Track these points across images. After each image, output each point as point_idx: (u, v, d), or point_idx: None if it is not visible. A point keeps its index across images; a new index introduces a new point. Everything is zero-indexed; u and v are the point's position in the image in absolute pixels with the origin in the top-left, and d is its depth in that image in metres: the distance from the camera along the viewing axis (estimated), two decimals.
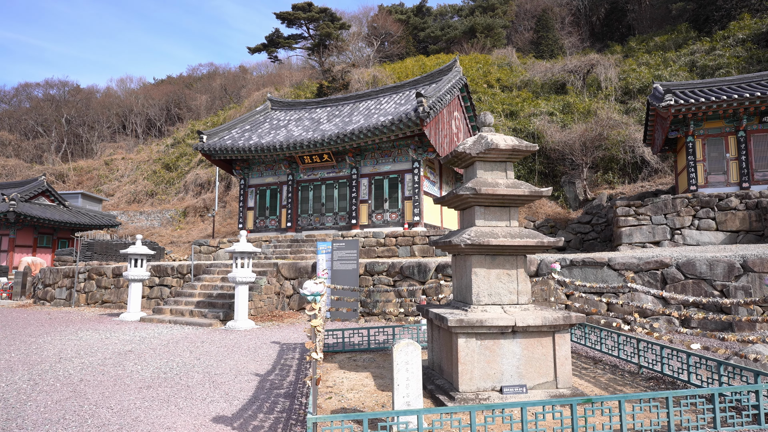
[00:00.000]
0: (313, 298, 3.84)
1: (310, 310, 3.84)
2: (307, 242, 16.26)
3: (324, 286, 3.84)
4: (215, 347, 8.71)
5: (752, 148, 15.49)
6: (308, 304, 3.86)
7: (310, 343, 3.82)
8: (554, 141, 23.06)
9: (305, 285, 3.85)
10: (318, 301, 3.85)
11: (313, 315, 3.84)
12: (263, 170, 19.20)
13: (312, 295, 3.82)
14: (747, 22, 28.73)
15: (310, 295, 3.82)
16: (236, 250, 10.91)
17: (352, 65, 37.18)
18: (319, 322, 3.82)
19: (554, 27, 44.62)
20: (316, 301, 3.84)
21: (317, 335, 3.86)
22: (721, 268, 8.90)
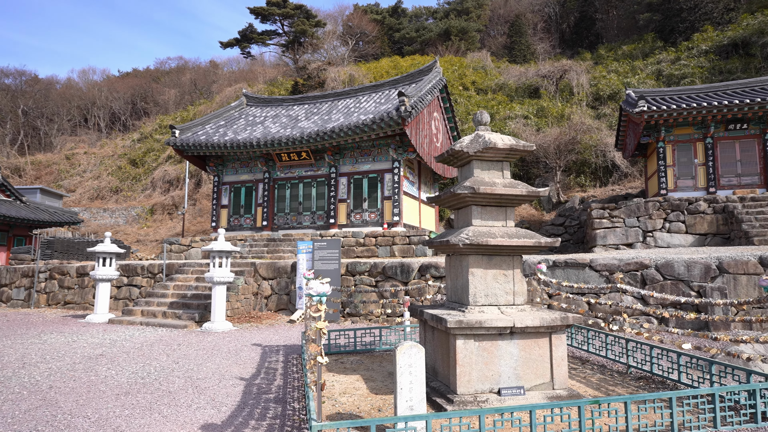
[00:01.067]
0: (318, 299, 3.65)
1: (315, 312, 3.64)
2: (285, 241, 15.91)
3: (329, 287, 3.65)
4: (193, 350, 8.34)
5: (719, 155, 16.09)
6: (313, 305, 3.66)
7: (315, 346, 3.63)
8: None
9: (311, 285, 3.66)
10: (324, 302, 3.66)
11: (319, 317, 3.65)
12: (238, 167, 18.70)
13: (318, 296, 3.63)
14: (710, 34, 29.97)
15: (316, 296, 3.63)
16: (214, 249, 10.52)
17: (328, 63, 36.81)
18: (324, 324, 3.63)
19: (527, 33, 45.46)
20: (322, 302, 3.65)
21: (322, 338, 3.66)
22: (698, 270, 9.14)
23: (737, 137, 15.92)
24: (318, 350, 3.59)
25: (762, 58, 25.70)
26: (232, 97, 35.94)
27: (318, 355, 3.58)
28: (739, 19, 30.38)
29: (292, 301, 12.27)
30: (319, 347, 3.60)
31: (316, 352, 3.57)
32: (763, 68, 24.93)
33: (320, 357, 3.58)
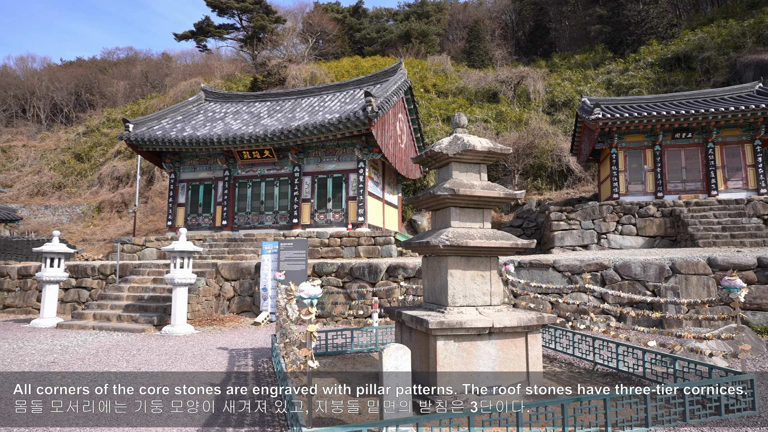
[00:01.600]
0: (310, 302, 3.55)
1: (306, 314, 3.54)
2: (246, 241, 15.49)
3: (320, 289, 3.56)
4: (155, 355, 7.95)
5: (666, 162, 17.05)
6: (304, 309, 3.56)
7: (305, 350, 3.53)
8: None
9: (301, 287, 3.55)
10: (315, 304, 3.57)
11: (310, 320, 3.55)
12: (197, 164, 18.05)
13: (309, 298, 3.53)
14: (655, 47, 31.74)
15: (307, 298, 3.53)
16: (175, 249, 10.08)
17: (289, 60, 36.22)
18: (315, 327, 3.54)
19: (485, 38, 46.50)
20: (313, 305, 3.55)
21: (312, 341, 3.57)
22: (653, 270, 9.63)
23: (682, 145, 16.93)
24: (309, 354, 3.49)
25: (702, 72, 27.48)
26: (188, 92, 34.68)
27: (309, 359, 3.48)
28: (681, 34, 32.39)
29: (256, 302, 11.96)
30: (309, 351, 3.51)
31: (306, 356, 3.47)
32: (703, 81, 26.66)
33: (311, 361, 3.49)
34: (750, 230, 13.61)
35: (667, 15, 34.95)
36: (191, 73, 42.99)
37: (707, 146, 16.59)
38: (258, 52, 42.80)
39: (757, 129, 16.07)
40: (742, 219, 14.14)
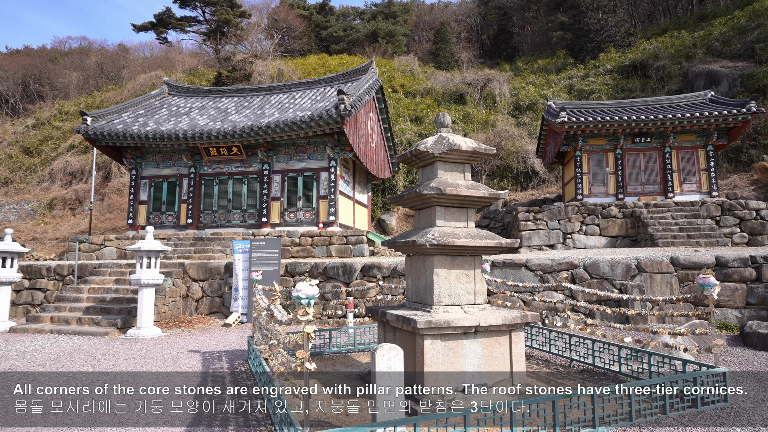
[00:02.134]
0: (307, 302, 3.45)
1: (303, 315, 3.44)
2: (214, 240, 15.04)
3: (317, 289, 3.47)
4: (122, 359, 7.58)
5: (626, 165, 17.74)
6: (301, 309, 3.46)
7: (302, 352, 3.43)
8: None
9: (298, 287, 3.45)
10: (312, 304, 3.47)
11: (307, 321, 3.45)
12: (160, 160, 17.38)
13: (307, 299, 3.43)
14: (613, 55, 33.00)
15: (305, 299, 3.43)
16: (142, 248, 9.66)
17: (255, 56, 35.46)
18: (312, 328, 3.44)
19: (451, 41, 47.07)
20: (310, 305, 3.45)
21: (309, 343, 3.47)
22: (620, 269, 9.99)
23: (642, 149, 17.67)
24: (306, 356, 3.39)
25: (657, 80, 28.79)
26: (148, 85, 33.38)
27: (306, 360, 3.38)
28: (638, 43, 33.83)
29: (226, 303, 11.62)
30: (306, 353, 3.41)
31: (304, 357, 3.37)
32: (658, 89, 27.93)
33: (308, 363, 3.39)
34: (705, 231, 14.35)
35: (624, 24, 36.43)
36: (150, 66, 41.39)
37: (664, 151, 17.37)
38: (221, 46, 41.70)
39: (710, 135, 16.96)
40: (697, 220, 14.90)
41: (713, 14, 35.72)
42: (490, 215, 22.69)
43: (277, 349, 4.70)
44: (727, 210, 15.12)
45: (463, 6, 59.73)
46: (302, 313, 3.46)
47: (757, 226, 14.69)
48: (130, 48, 53.88)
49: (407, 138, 25.15)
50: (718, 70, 25.82)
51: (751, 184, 21.04)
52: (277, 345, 4.74)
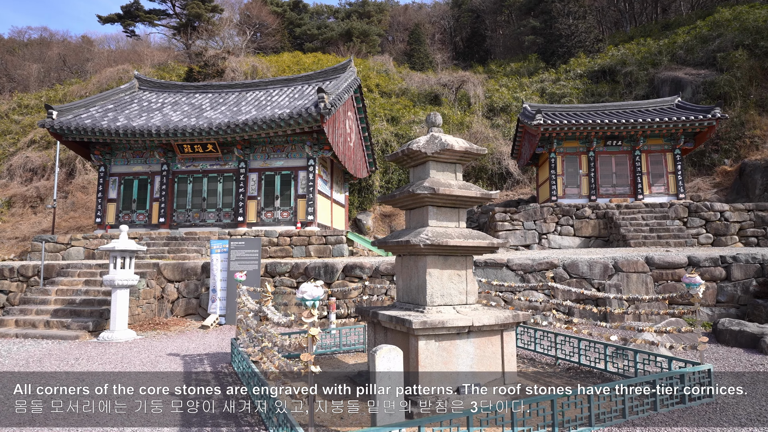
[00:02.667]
0: (312, 303, 3.35)
1: (308, 317, 3.34)
2: (188, 240, 14.62)
3: (323, 290, 3.38)
4: (98, 364, 7.25)
5: (599, 167, 18.21)
6: (306, 310, 3.36)
7: (307, 355, 3.33)
8: None
9: (303, 288, 3.35)
10: (317, 306, 3.38)
11: (312, 323, 3.35)
12: (130, 157, 16.78)
13: (313, 300, 3.34)
14: (583, 60, 33.88)
15: (310, 300, 3.33)
16: (117, 247, 9.28)
17: (227, 52, 34.72)
18: (317, 330, 3.35)
19: (425, 42, 47.34)
20: (315, 307, 3.36)
21: (314, 345, 3.38)
22: (598, 269, 10.22)
23: (613, 152, 18.17)
24: (310, 359, 3.30)
25: (625, 85, 29.71)
26: (115, 79, 32.23)
27: (311, 363, 3.29)
28: (606, 49, 34.84)
29: (203, 305, 11.31)
30: (311, 355, 3.31)
31: (308, 360, 3.28)
32: (626, 93, 28.83)
33: (312, 366, 3.30)
34: (674, 231, 14.87)
35: (593, 31, 37.46)
36: (117, 60, 39.98)
37: (635, 154, 17.92)
38: (192, 41, 40.70)
39: (677, 139, 17.59)
40: (666, 221, 15.42)
41: (677, 23, 37.16)
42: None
43: (271, 352, 4.57)
44: (694, 212, 15.72)
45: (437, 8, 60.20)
46: (307, 315, 3.36)
47: (721, 227, 15.32)
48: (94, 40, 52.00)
49: (383, 138, 25.13)
50: (683, 77, 26.85)
51: (714, 187, 21.97)
52: (271, 347, 4.62)
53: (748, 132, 22.59)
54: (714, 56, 27.19)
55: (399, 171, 25.20)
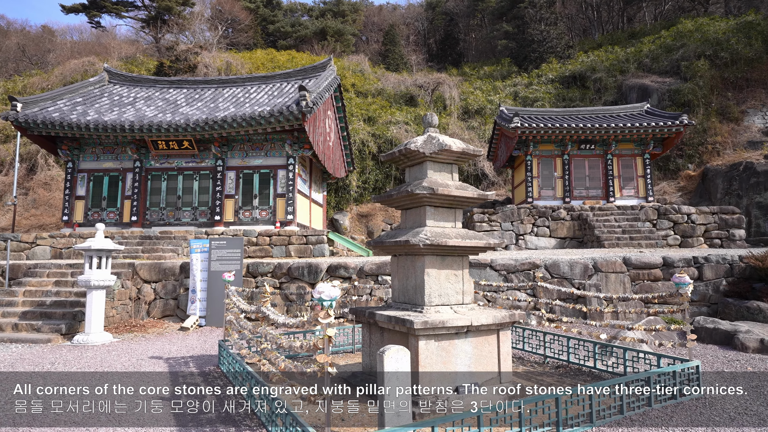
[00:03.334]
0: (329, 304, 3.30)
1: (324, 317, 3.28)
2: (164, 239, 14.17)
3: (339, 290, 3.32)
4: (76, 368, 6.93)
5: (572, 170, 18.69)
6: (323, 311, 3.30)
7: (323, 356, 3.27)
8: None
9: (320, 288, 3.28)
10: (333, 306, 3.32)
11: (328, 323, 3.30)
12: (100, 153, 16.15)
13: (330, 300, 3.28)
14: (554, 65, 34.69)
15: (328, 300, 3.27)
16: (93, 246, 8.91)
17: (200, 47, 33.89)
18: (333, 331, 3.30)
19: (400, 43, 47.53)
20: (332, 306, 3.30)
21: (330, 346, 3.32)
22: (578, 269, 10.47)
23: (586, 156, 18.68)
24: (327, 360, 3.24)
25: (594, 91, 30.60)
26: (80, 71, 30.99)
27: (327, 364, 3.23)
28: (576, 56, 35.79)
29: (182, 306, 10.99)
30: (328, 357, 3.26)
31: (325, 361, 3.22)
32: (596, 99, 29.69)
33: (329, 367, 3.24)
34: (645, 233, 15.40)
35: (564, 37, 38.42)
36: (81, 52, 38.44)
37: (607, 157, 18.47)
38: (162, 35, 39.54)
39: (647, 144, 18.24)
40: (637, 223, 15.96)
41: (642, 32, 38.57)
42: None
43: (273, 353, 4.47)
44: (663, 214, 16.32)
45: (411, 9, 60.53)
46: (324, 315, 3.30)
47: (688, 229, 15.97)
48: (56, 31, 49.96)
49: (361, 138, 25.06)
50: (649, 85, 27.88)
51: (678, 191, 22.89)
52: (274, 349, 4.52)
53: (710, 138, 23.65)
54: (678, 65, 28.34)
55: (376, 171, 25.20)
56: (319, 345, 3.34)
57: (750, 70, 26.22)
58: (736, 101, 25.28)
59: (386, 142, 25.47)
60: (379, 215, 23.56)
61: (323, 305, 3.30)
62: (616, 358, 6.22)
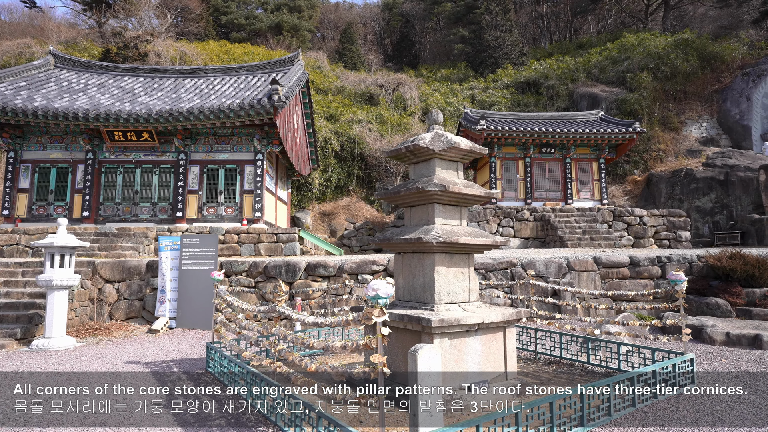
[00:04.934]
0: (384, 302, 3.17)
1: (379, 315, 3.15)
2: (122, 236, 13.27)
3: (391, 286, 3.20)
4: (45, 377, 6.31)
5: (534, 172, 19.34)
6: (376, 309, 3.16)
7: (378, 356, 3.14)
8: (374, 149, 24.44)
9: (373, 285, 3.14)
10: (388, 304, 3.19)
11: (383, 322, 3.16)
12: (47, 143, 14.90)
13: (386, 297, 3.15)
14: (510, 71, 35.82)
15: (384, 298, 3.14)
16: (55, 243, 8.17)
17: (151, 34, 32.11)
18: (387, 330, 3.17)
19: (357, 42, 47.36)
20: (386, 305, 3.18)
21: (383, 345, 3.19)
22: (553, 268, 10.81)
23: (547, 159, 19.39)
24: (382, 360, 3.11)
25: (548, 97, 31.86)
26: (14, 54, 28.51)
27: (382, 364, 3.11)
28: (530, 63, 37.12)
29: (148, 307, 10.33)
30: (383, 357, 3.13)
31: (380, 361, 3.10)
32: (549, 105, 30.93)
33: (384, 368, 3.12)
34: (603, 234, 16.18)
35: (519, 44, 39.74)
36: (14, 33, 35.41)
37: (565, 161, 19.26)
38: (105, 19, 37.17)
39: (602, 149, 19.18)
40: (596, 224, 16.74)
41: (589, 44, 40.59)
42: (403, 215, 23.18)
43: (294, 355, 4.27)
44: (618, 216, 17.23)
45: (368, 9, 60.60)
46: (378, 313, 3.16)
47: (640, 231, 16.94)
48: None
49: (323, 135, 24.69)
50: (598, 93, 29.38)
51: (626, 195, 24.26)
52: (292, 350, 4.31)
53: (654, 146, 25.26)
54: (624, 76, 30.06)
55: (338, 169, 24.94)
56: (372, 344, 3.20)
57: (687, 84, 28.26)
58: (676, 112, 27.17)
59: (349, 141, 25.27)
60: (342, 214, 23.33)
61: (378, 303, 3.16)
62: (610, 352, 6.45)
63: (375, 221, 23.07)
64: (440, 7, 48.84)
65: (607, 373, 6.25)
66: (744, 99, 25.34)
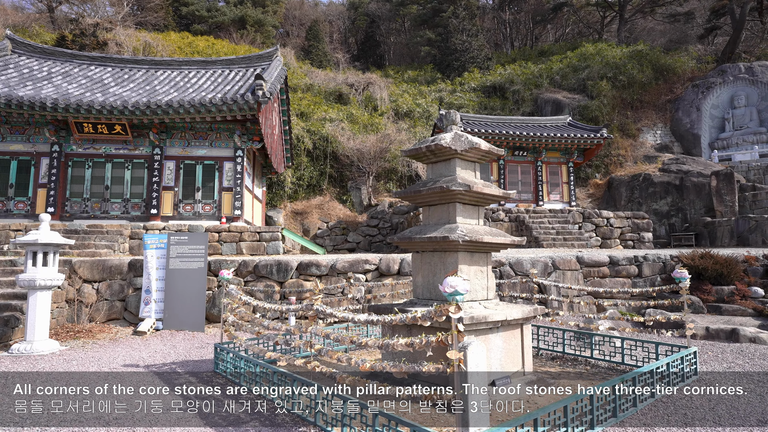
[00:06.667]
0: (462, 298, 3.20)
1: (455, 311, 3.18)
2: (94, 234, 12.57)
3: (468, 283, 3.24)
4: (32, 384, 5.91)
5: (507, 174, 19.87)
6: (453, 305, 3.19)
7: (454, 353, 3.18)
8: (347, 148, 24.33)
9: (452, 282, 3.17)
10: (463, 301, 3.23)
11: (459, 318, 3.20)
12: (7, 133, 13.90)
13: (463, 294, 3.18)
14: (476, 75, 36.59)
15: (462, 293, 3.18)
16: (39, 240, 7.65)
17: (110, 22, 30.52)
18: (461, 327, 3.21)
19: (324, 40, 46.96)
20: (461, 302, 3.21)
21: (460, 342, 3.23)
22: (539, 267, 11.17)
23: (520, 162, 19.98)
24: (459, 356, 3.15)
25: (513, 102, 32.80)
26: None
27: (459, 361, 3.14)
28: (495, 67, 38.07)
29: (130, 308, 9.85)
30: (460, 354, 3.17)
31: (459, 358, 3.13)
32: (515, 110, 31.84)
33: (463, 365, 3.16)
34: (575, 234, 16.85)
35: (484, 49, 40.67)
36: None
37: (537, 164, 19.91)
38: (57, 4, 35.07)
39: (571, 153, 19.96)
40: (568, 225, 17.41)
41: (551, 51, 42.08)
42: (377, 215, 23.22)
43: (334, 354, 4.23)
44: (587, 218, 17.99)
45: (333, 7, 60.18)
46: (454, 310, 3.19)
47: (607, 232, 17.77)
48: None
49: (295, 133, 24.32)
50: (561, 99, 30.53)
51: (588, 197, 25.34)
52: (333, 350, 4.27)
53: (614, 152, 26.53)
54: (585, 84, 31.39)
55: (311, 168, 24.66)
56: (448, 341, 3.22)
57: (643, 93, 29.88)
58: (633, 119, 28.65)
59: (321, 139, 25.04)
60: (315, 213, 23.09)
61: (457, 300, 3.19)
62: (613, 347, 6.75)
63: (348, 221, 22.98)
64: (406, 9, 49.21)
65: (611, 367, 6.55)
66: (694, 109, 27.06)
